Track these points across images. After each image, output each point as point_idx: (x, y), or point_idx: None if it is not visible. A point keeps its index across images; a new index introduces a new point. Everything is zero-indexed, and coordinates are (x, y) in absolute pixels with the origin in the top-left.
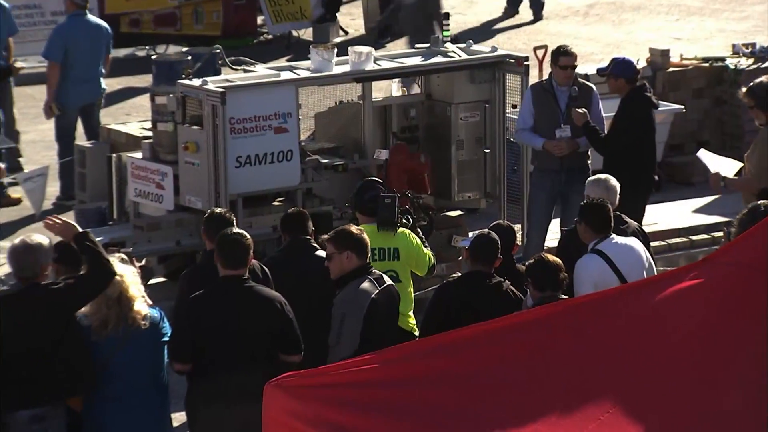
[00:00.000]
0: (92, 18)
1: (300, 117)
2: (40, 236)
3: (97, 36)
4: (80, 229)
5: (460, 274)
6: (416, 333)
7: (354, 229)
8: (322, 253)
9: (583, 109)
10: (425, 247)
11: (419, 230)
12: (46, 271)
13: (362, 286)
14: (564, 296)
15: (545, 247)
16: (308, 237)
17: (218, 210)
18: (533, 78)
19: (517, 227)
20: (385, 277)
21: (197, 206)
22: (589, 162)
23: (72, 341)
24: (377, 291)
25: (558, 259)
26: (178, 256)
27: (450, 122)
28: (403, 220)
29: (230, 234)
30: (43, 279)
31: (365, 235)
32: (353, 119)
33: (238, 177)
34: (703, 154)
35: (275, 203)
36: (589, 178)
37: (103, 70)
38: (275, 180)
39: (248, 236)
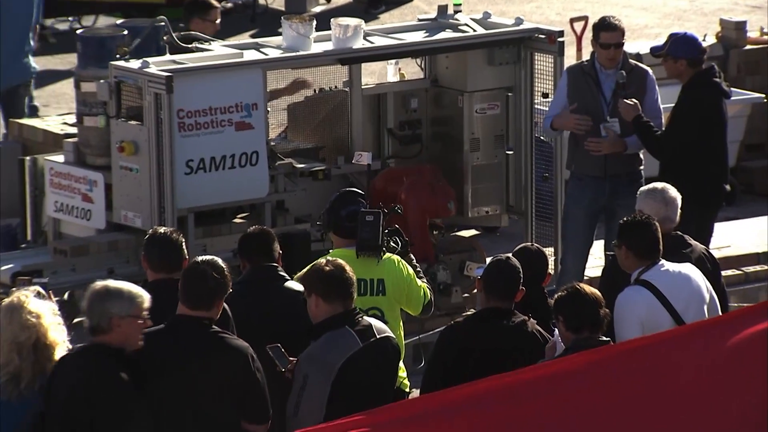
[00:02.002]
0: None
1: (269, 109)
2: None
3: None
4: None
5: (471, 312)
6: (408, 390)
7: (328, 263)
8: (294, 284)
9: (634, 100)
10: (420, 278)
11: (412, 256)
12: None
13: (336, 340)
14: (605, 339)
15: (585, 277)
16: (274, 264)
17: (162, 230)
18: (570, 59)
19: (549, 251)
20: (376, 327)
21: (136, 224)
22: (641, 167)
23: None
24: (357, 348)
25: (596, 291)
26: None
27: (462, 116)
28: (391, 244)
29: (200, 264)
30: None
31: (347, 272)
32: (337, 112)
33: (188, 187)
34: None
35: (237, 220)
36: (641, 189)
37: (33, 43)
38: (236, 190)
39: (225, 273)
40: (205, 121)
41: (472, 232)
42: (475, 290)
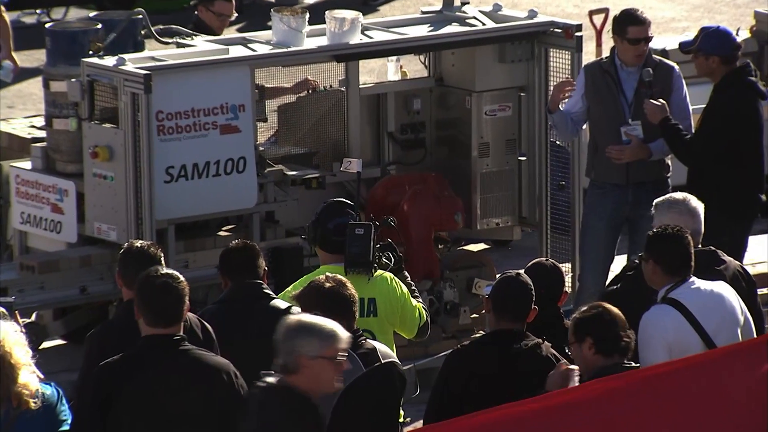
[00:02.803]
0: None
1: (257, 111)
2: None
3: None
4: None
5: (480, 335)
6: (402, 420)
7: (328, 279)
8: (281, 303)
9: (661, 100)
10: (415, 297)
11: (406, 274)
12: None
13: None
14: (632, 364)
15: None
16: (258, 281)
17: (139, 243)
18: (589, 55)
19: (566, 267)
20: (381, 351)
21: (111, 237)
22: (668, 175)
23: None
24: (359, 374)
25: (619, 312)
26: (83, 309)
27: (470, 118)
28: (383, 260)
29: (156, 276)
30: None
31: (348, 288)
32: (333, 114)
33: (168, 196)
34: None
35: (222, 233)
36: (659, 199)
37: None
38: (221, 200)
39: (182, 279)
40: (186, 124)
41: (481, 246)
42: (483, 310)
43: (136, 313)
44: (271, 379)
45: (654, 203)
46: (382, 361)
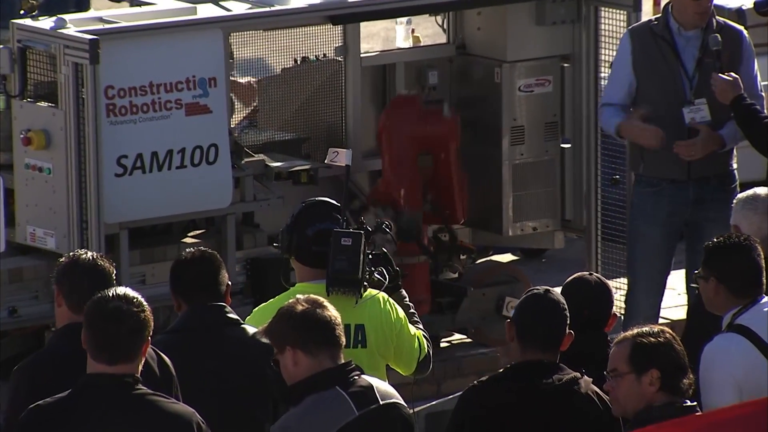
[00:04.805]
0: None
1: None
2: None
3: None
4: None
5: (505, 369)
6: None
7: (299, 301)
8: (251, 329)
9: (733, 74)
10: (414, 322)
11: (404, 293)
12: None
13: (323, 406)
14: (690, 404)
15: (662, 319)
16: (220, 303)
17: (84, 254)
18: (646, 17)
19: (619, 283)
20: (379, 389)
21: (48, 245)
22: (734, 167)
23: None
24: (352, 417)
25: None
26: (11, 335)
27: (500, 95)
28: (375, 276)
29: (107, 300)
30: None
31: (327, 309)
32: (327, 89)
33: (121, 193)
34: None
35: (187, 239)
36: (739, 197)
37: None
38: (187, 199)
39: (143, 305)
40: (143, 103)
41: (508, 257)
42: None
43: (84, 341)
44: None
45: (734, 201)
46: (381, 403)
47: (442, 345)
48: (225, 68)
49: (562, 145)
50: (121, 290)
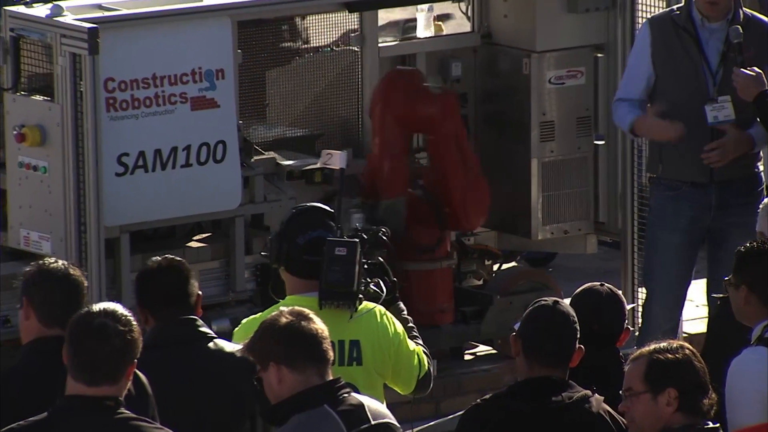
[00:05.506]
0: None
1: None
2: None
3: None
4: None
5: (510, 387)
6: None
7: (282, 313)
8: (226, 344)
9: (756, 69)
10: (413, 338)
11: (402, 306)
12: None
13: (311, 425)
14: (713, 425)
15: (682, 333)
16: (191, 317)
17: (54, 263)
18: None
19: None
20: (371, 408)
21: (43, 250)
22: (760, 169)
23: None
24: None
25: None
26: (3, 346)
27: (529, 88)
28: (371, 288)
29: (93, 315)
30: None
31: (314, 321)
32: (342, 82)
33: (122, 194)
34: None
35: (193, 244)
36: (765, 202)
37: None
38: (193, 200)
39: (131, 323)
40: (146, 97)
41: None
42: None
43: (65, 356)
44: None
45: (761, 206)
46: (372, 422)
47: (467, 358)
48: (233, 59)
49: (596, 142)
50: (111, 306)
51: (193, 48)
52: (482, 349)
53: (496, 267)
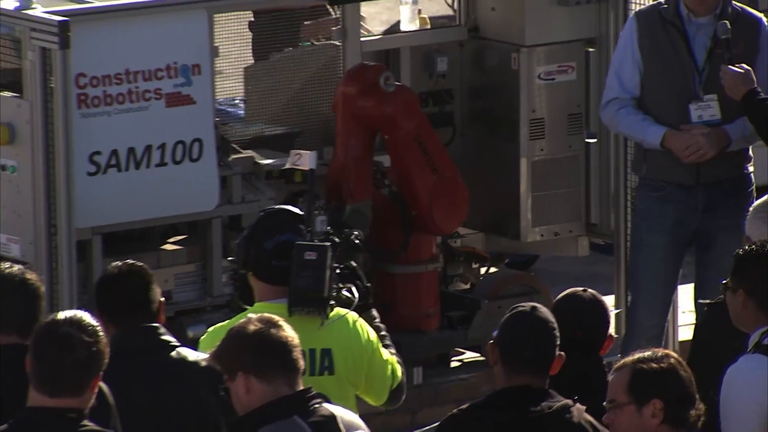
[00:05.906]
0: None
1: (218, 74)
2: None
3: None
4: None
5: (488, 396)
6: None
7: (250, 321)
8: (190, 353)
9: (744, 66)
10: (387, 346)
11: (375, 314)
12: None
13: None
14: None
15: (678, 341)
16: (153, 324)
17: (10, 267)
18: None
19: None
20: (343, 419)
21: (11, 253)
22: (749, 169)
23: None
24: None
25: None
26: None
27: (517, 84)
28: (343, 293)
29: (58, 323)
30: None
31: (283, 329)
32: (323, 78)
33: (94, 194)
34: None
35: (167, 247)
36: (754, 205)
37: None
38: (168, 201)
39: (98, 333)
40: (119, 93)
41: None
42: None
43: (27, 368)
44: None
45: (751, 209)
46: None
47: (453, 364)
48: (210, 54)
49: (587, 140)
50: (77, 315)
51: (169, 42)
52: (470, 355)
53: (483, 270)
